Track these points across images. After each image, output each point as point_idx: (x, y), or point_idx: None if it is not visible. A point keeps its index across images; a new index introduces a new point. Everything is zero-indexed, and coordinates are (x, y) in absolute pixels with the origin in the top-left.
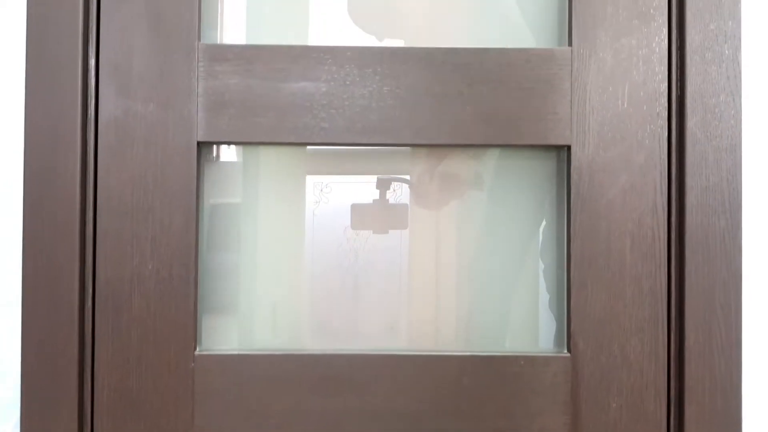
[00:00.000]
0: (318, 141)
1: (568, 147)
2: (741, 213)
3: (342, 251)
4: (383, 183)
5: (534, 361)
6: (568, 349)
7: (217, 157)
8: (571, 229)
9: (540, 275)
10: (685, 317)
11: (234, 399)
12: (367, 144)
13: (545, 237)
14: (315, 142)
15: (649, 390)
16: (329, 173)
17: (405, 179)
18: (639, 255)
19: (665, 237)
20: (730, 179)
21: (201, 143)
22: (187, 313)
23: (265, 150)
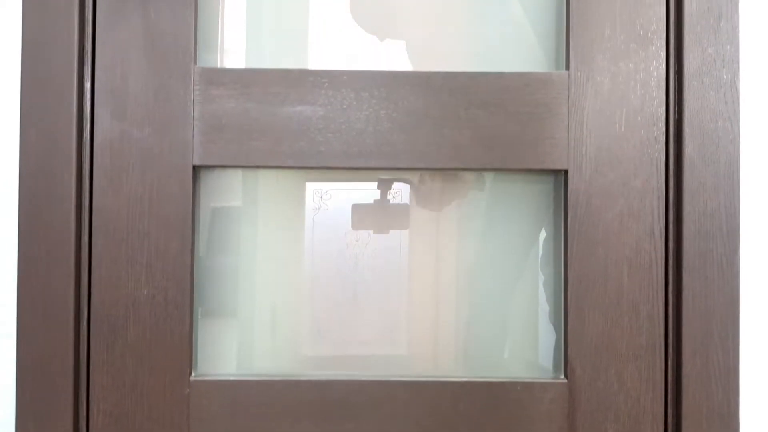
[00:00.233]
0: (315, 165)
1: (565, 171)
2: (739, 239)
3: (342, 257)
4: (384, 183)
5: (531, 387)
6: (565, 375)
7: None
8: (568, 254)
9: (540, 287)
10: (683, 344)
11: (230, 425)
12: (364, 168)
13: (545, 249)
14: (312, 166)
15: (646, 416)
16: (329, 180)
17: (407, 179)
18: (636, 280)
19: (663, 262)
20: (727, 205)
21: (197, 167)
22: (183, 338)
23: None
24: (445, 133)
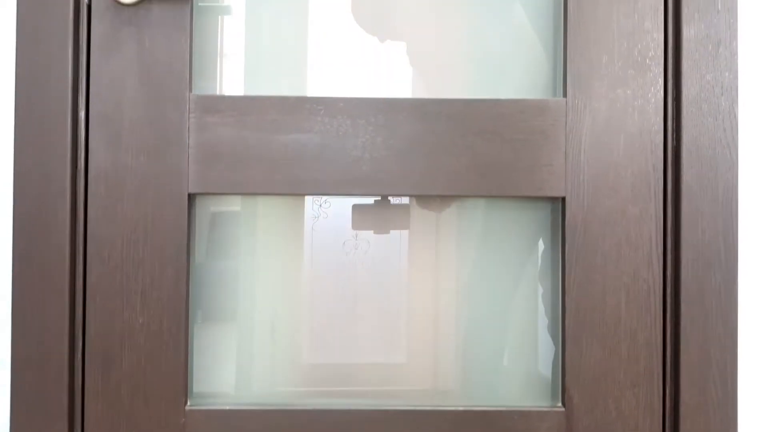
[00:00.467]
0: (311, 192)
1: (562, 199)
2: (737, 267)
3: (341, 265)
4: None
5: (528, 416)
6: (562, 403)
7: None
8: (566, 282)
9: (539, 299)
10: (681, 372)
11: None
12: (360, 195)
13: (544, 260)
14: (308, 193)
15: None
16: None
17: None
18: (634, 308)
19: (661, 290)
20: (726, 233)
21: (192, 195)
22: (178, 368)
23: None
24: (442, 160)
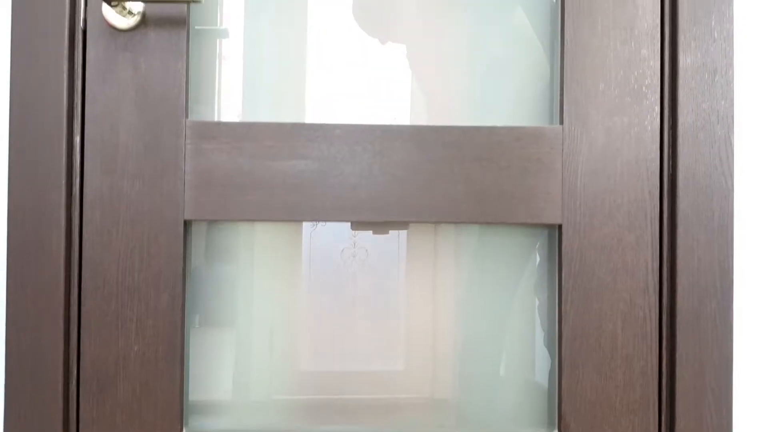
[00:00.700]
0: (307, 218)
1: (559, 226)
2: (732, 294)
3: (339, 272)
4: None
5: None
6: (559, 430)
7: None
8: (563, 309)
9: (536, 312)
10: (676, 399)
11: None
12: (357, 221)
13: (540, 273)
14: (304, 219)
15: None
16: None
17: None
18: (631, 335)
19: (657, 317)
20: (721, 260)
21: (188, 221)
22: (173, 395)
23: None
24: (438, 187)
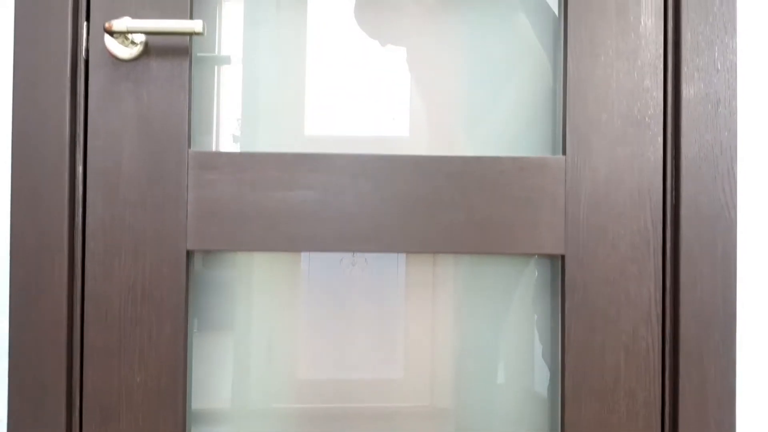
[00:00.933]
0: (310, 249)
1: (561, 256)
2: (735, 326)
3: (338, 281)
4: None
5: None
6: None
7: None
8: (565, 340)
9: (534, 325)
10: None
11: None
12: (358, 251)
13: (537, 289)
14: (305, 249)
15: None
16: None
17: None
18: (633, 366)
19: (660, 349)
20: (724, 291)
21: (191, 251)
22: (177, 426)
23: None
24: (440, 217)
